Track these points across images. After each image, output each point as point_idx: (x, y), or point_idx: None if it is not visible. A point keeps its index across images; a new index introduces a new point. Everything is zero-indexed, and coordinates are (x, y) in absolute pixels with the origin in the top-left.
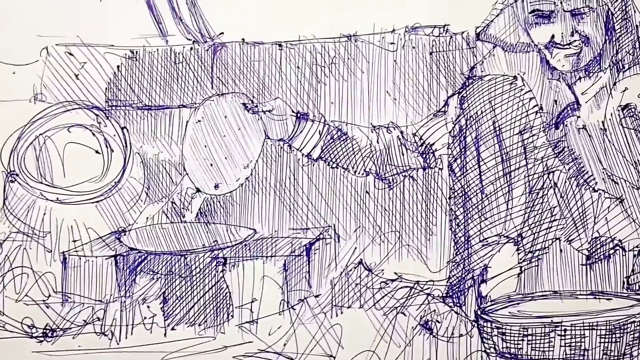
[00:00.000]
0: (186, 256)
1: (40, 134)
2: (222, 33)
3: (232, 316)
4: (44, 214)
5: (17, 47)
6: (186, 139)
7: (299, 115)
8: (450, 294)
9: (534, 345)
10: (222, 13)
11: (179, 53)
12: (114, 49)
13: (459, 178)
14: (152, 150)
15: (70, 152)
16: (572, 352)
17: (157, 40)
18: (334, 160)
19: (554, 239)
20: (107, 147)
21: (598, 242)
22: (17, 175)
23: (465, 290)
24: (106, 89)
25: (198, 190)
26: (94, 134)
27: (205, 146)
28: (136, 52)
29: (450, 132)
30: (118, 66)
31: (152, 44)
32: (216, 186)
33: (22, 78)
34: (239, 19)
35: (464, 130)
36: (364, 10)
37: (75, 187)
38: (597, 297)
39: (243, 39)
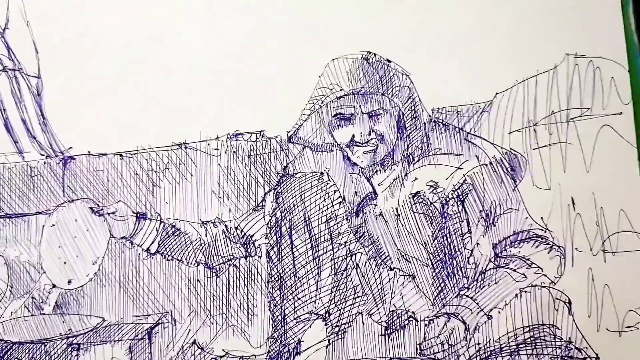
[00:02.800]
0: (45, 344)
1: None
2: (71, 147)
3: None
4: None
5: None
6: (42, 241)
7: (138, 215)
8: None
9: None
10: (70, 130)
11: (34, 167)
12: None
13: (276, 264)
14: (14, 253)
15: None
16: None
17: (15, 157)
18: (169, 253)
19: (357, 313)
20: None
21: (394, 314)
22: None
23: None
24: None
25: (54, 285)
26: None
27: (59, 246)
28: None
29: (267, 224)
30: None
31: (10, 161)
32: (69, 281)
33: None
34: (84, 135)
35: (280, 222)
36: (191, 121)
37: None
38: None
39: (89, 152)
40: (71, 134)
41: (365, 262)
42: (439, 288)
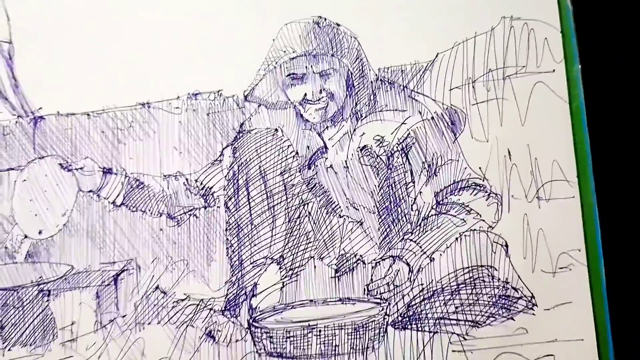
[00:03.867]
0: (17, 290)
1: None
2: (41, 108)
3: (57, 336)
4: None
5: None
6: (14, 195)
7: (104, 170)
8: (228, 307)
9: (295, 345)
10: (40, 91)
11: (5, 126)
12: None
13: (233, 213)
14: None
15: None
16: (326, 348)
17: None
18: (134, 204)
19: (309, 258)
20: None
21: (344, 258)
22: None
23: (240, 304)
24: None
25: (26, 236)
26: None
27: (30, 200)
28: None
29: (225, 176)
30: None
31: None
32: (40, 232)
33: None
34: (53, 96)
35: (237, 175)
36: (153, 81)
37: None
38: (345, 302)
39: (58, 112)
40: (41, 95)
41: (317, 211)
42: (385, 233)
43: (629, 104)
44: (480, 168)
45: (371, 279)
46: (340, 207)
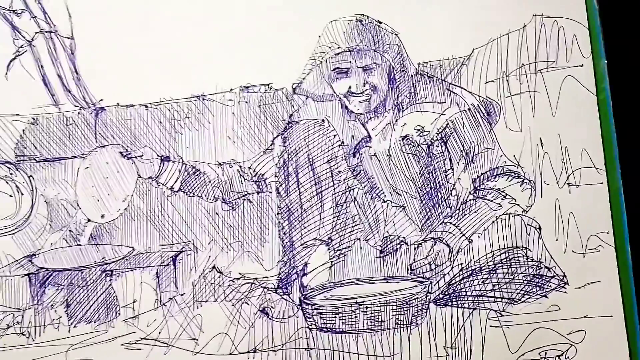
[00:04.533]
0: (82, 271)
1: None
2: (102, 100)
3: (119, 314)
4: None
5: None
6: (78, 181)
7: (162, 158)
8: (281, 286)
9: (344, 320)
10: (101, 84)
11: (69, 117)
12: (19, 117)
13: (284, 198)
14: (52, 192)
15: None
16: (372, 323)
17: (52, 108)
18: (190, 190)
19: (356, 239)
20: (18, 191)
21: (388, 240)
22: None
23: (292, 282)
24: (15, 147)
25: (89, 220)
26: (7, 182)
27: (92, 186)
28: (36, 118)
29: (276, 164)
30: (23, 130)
31: (48, 111)
32: (102, 216)
33: None
34: (113, 88)
35: (287, 163)
36: (208, 74)
37: None
38: (389, 281)
39: (117, 103)
40: (102, 87)
41: (362, 196)
42: (426, 217)
43: None
44: (514, 156)
45: (414, 259)
46: (384, 192)
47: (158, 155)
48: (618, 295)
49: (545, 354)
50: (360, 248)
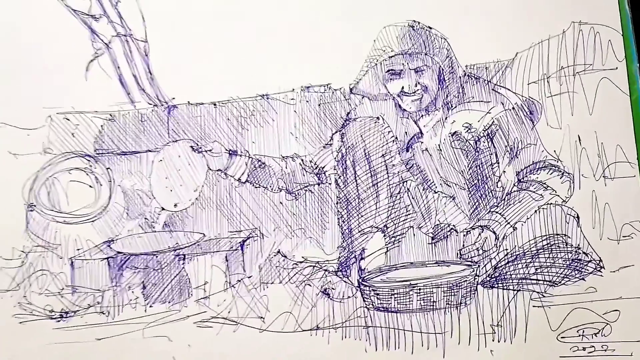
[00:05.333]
0: (157, 255)
1: (49, 176)
2: (174, 98)
3: (192, 294)
4: (55, 232)
5: (29, 117)
6: (152, 173)
7: (230, 152)
8: (340, 269)
9: (399, 301)
10: (173, 84)
11: (143, 114)
12: (98, 114)
13: (342, 189)
14: (129, 183)
15: (71, 188)
16: (425, 303)
17: (128, 106)
18: (256, 181)
19: (409, 227)
20: (97, 182)
21: (439, 227)
22: (35, 206)
23: (350, 265)
24: (94, 141)
25: (163, 208)
26: (87, 174)
27: (166, 178)
28: (113, 115)
29: (335, 158)
30: (102, 125)
31: (124, 109)
32: (175, 205)
33: (34, 138)
34: (185, 88)
35: (345, 156)
36: (272, 75)
37: (76, 212)
38: (440, 265)
39: (188, 101)
40: (173, 87)
41: (414, 187)
42: (474, 206)
43: None
44: (554, 151)
45: (463, 245)
46: (434, 184)
47: (226, 150)
48: None
49: (583, 332)
50: (414, 235)
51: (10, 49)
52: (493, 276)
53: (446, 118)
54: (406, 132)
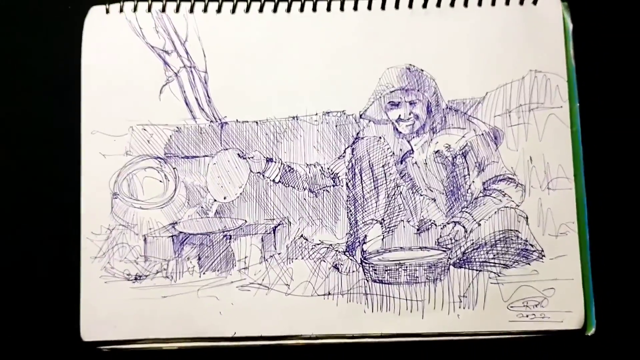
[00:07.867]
0: (209, 235)
1: (129, 173)
2: (226, 116)
3: (235, 265)
4: (133, 215)
5: (116, 127)
6: (208, 173)
7: (267, 159)
8: (347, 250)
9: (390, 275)
10: (225, 105)
11: (202, 128)
12: (167, 126)
13: (351, 190)
14: (190, 180)
15: (146, 182)
16: (410, 278)
17: (191, 121)
18: (286, 182)
19: (401, 221)
20: (165, 178)
21: (423, 222)
22: (118, 194)
23: (355, 248)
24: (164, 147)
25: (215, 200)
26: (158, 172)
27: (218, 177)
28: (179, 127)
29: (347, 166)
30: (170, 135)
31: (188, 124)
32: (224, 198)
33: (119, 143)
34: (234, 109)
35: (354, 166)
36: (301, 102)
37: (149, 200)
38: (423, 249)
39: (237, 119)
40: (226, 108)
41: (406, 191)
42: (450, 207)
43: (612, 130)
44: (512, 167)
45: (440, 235)
46: (421, 189)
47: (264, 157)
48: (578, 264)
49: (527, 303)
50: (404, 227)
51: (103, 75)
52: (462, 259)
53: (431, 139)
54: (401, 149)
